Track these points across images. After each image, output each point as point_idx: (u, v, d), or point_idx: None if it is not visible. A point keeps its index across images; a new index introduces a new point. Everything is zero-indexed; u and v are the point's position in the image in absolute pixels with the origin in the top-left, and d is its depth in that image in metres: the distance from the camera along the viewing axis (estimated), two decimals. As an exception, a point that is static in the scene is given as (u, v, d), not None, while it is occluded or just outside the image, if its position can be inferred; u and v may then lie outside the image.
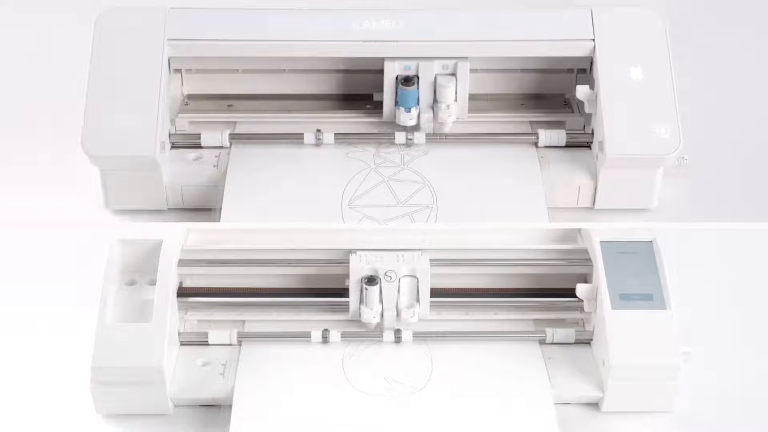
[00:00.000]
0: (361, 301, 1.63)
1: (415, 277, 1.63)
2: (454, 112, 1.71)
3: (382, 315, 1.63)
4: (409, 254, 1.63)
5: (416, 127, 1.71)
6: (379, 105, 1.74)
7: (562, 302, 1.67)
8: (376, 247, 1.64)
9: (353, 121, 1.75)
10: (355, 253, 1.64)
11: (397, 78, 1.70)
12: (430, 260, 1.64)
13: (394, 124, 1.72)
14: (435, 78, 1.69)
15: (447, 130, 1.71)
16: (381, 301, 1.63)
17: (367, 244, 1.64)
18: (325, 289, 1.67)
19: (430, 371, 1.59)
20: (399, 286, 1.63)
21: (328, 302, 1.66)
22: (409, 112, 1.70)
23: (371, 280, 1.62)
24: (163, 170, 1.65)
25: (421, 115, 1.71)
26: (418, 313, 1.63)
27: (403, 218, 1.63)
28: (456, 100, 1.70)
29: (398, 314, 1.63)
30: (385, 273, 1.62)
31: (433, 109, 1.71)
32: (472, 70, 1.78)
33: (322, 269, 1.66)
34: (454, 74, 1.69)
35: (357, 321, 1.64)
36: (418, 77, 1.69)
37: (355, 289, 1.63)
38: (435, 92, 1.70)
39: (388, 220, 1.62)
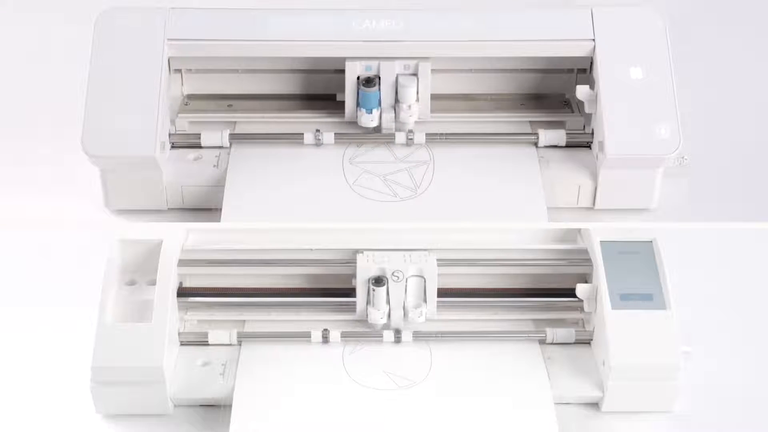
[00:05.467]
0: (368, 302, 1.63)
1: (422, 277, 1.63)
2: (415, 112, 1.71)
3: (389, 315, 1.63)
4: (416, 254, 1.63)
5: (412, 128, 1.72)
6: (341, 105, 1.74)
7: (562, 302, 1.67)
8: (382, 246, 1.64)
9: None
10: (362, 252, 1.64)
11: (358, 79, 1.69)
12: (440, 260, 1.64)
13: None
14: (396, 78, 1.69)
15: (407, 129, 1.71)
16: (388, 301, 1.63)
17: (373, 244, 1.65)
18: (332, 288, 1.67)
19: (430, 371, 1.59)
20: (406, 286, 1.63)
21: (334, 302, 1.66)
22: (371, 113, 1.70)
23: (378, 281, 1.62)
24: (163, 170, 1.65)
25: (383, 115, 1.71)
26: (425, 313, 1.63)
27: (401, 173, 1.64)
28: (418, 100, 1.70)
29: (405, 314, 1.63)
30: (393, 273, 1.62)
31: (394, 109, 1.71)
32: (472, 70, 1.78)
33: (328, 269, 1.67)
34: (415, 74, 1.69)
35: (363, 321, 1.64)
36: (379, 78, 1.69)
37: (362, 288, 1.63)
38: (397, 92, 1.70)
39: (386, 175, 1.64)
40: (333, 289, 1.67)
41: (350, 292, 1.65)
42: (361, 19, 1.68)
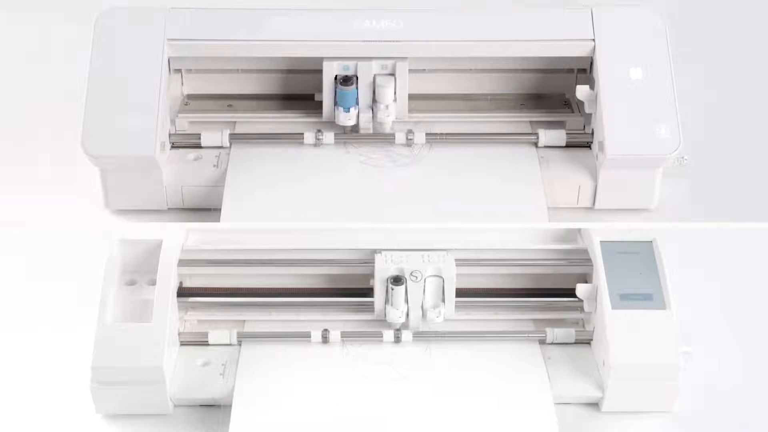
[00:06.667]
0: (386, 302, 1.63)
1: (440, 276, 1.63)
2: (393, 112, 1.71)
3: (407, 315, 1.63)
4: (434, 254, 1.63)
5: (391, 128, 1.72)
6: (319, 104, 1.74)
7: (562, 302, 1.67)
8: (397, 246, 1.64)
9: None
10: (380, 252, 1.64)
11: (336, 78, 1.70)
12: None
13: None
14: (374, 78, 1.69)
15: (387, 129, 1.71)
16: (406, 300, 1.63)
17: (389, 244, 1.65)
18: (344, 288, 1.67)
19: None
20: (424, 286, 1.63)
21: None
22: (348, 112, 1.70)
23: (397, 281, 1.62)
24: (163, 170, 1.65)
25: (360, 115, 1.71)
26: (443, 313, 1.63)
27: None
28: (395, 100, 1.70)
29: (423, 314, 1.63)
30: (411, 273, 1.62)
31: (372, 108, 1.71)
32: (472, 70, 1.78)
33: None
34: (392, 74, 1.69)
35: (381, 321, 1.64)
36: (357, 77, 1.69)
37: (381, 289, 1.63)
38: (374, 92, 1.70)
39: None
40: (346, 288, 1.67)
41: (367, 292, 1.65)
42: (362, 19, 1.68)
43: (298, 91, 1.79)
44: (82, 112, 1.63)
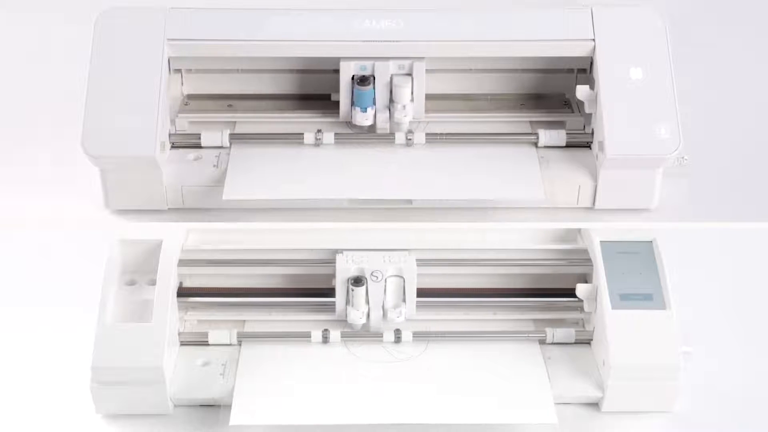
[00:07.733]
0: (347, 302, 1.63)
1: (401, 277, 1.63)
2: (410, 112, 1.71)
3: (368, 315, 1.64)
4: (395, 254, 1.64)
5: (407, 127, 1.72)
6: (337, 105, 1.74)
7: (562, 302, 1.67)
8: (363, 247, 1.64)
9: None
10: (342, 253, 1.64)
11: (353, 78, 1.70)
12: (431, 261, 1.65)
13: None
14: (390, 78, 1.69)
15: (404, 130, 1.71)
16: (367, 301, 1.63)
17: (354, 244, 1.65)
18: (313, 289, 1.67)
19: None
20: (385, 286, 1.63)
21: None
22: (365, 111, 1.70)
23: (357, 281, 1.62)
24: (163, 170, 1.65)
25: (377, 115, 1.71)
26: (404, 313, 1.63)
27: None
28: (412, 100, 1.70)
29: (384, 314, 1.64)
30: (372, 273, 1.62)
31: (389, 109, 1.71)
32: (471, 70, 1.78)
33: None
34: (410, 74, 1.70)
35: (343, 321, 1.65)
36: (374, 77, 1.69)
37: (342, 289, 1.63)
38: (391, 92, 1.70)
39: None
40: (314, 289, 1.67)
41: (331, 292, 1.66)
42: (362, 19, 1.68)
43: (298, 91, 1.79)
44: (82, 112, 1.62)
